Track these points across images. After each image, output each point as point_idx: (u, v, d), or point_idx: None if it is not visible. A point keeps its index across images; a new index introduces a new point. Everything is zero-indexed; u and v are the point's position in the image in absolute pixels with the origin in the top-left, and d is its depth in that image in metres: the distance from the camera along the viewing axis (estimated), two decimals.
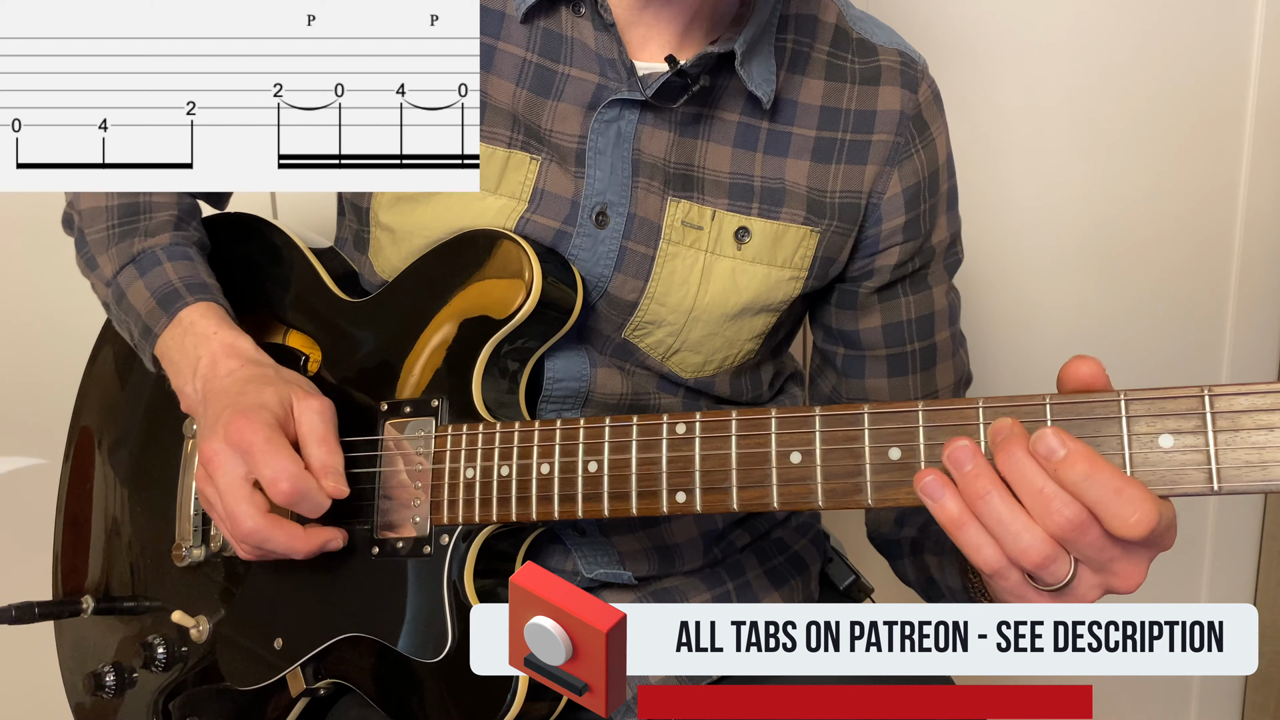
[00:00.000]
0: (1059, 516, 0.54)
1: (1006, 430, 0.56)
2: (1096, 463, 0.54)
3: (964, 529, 0.57)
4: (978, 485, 0.56)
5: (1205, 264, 1.47)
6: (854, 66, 0.85)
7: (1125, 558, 0.56)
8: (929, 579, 0.87)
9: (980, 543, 0.56)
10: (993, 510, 0.56)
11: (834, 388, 0.94)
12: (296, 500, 0.73)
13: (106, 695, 0.92)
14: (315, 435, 0.76)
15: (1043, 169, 1.43)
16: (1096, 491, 0.53)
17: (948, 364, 0.92)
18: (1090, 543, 0.55)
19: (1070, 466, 0.54)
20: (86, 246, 0.89)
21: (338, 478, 0.76)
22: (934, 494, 0.57)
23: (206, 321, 0.82)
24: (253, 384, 0.77)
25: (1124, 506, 0.53)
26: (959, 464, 0.57)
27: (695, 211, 0.81)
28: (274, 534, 0.74)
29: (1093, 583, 0.57)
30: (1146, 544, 0.55)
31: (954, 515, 0.57)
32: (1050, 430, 0.55)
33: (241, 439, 0.73)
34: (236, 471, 0.74)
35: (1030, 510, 0.55)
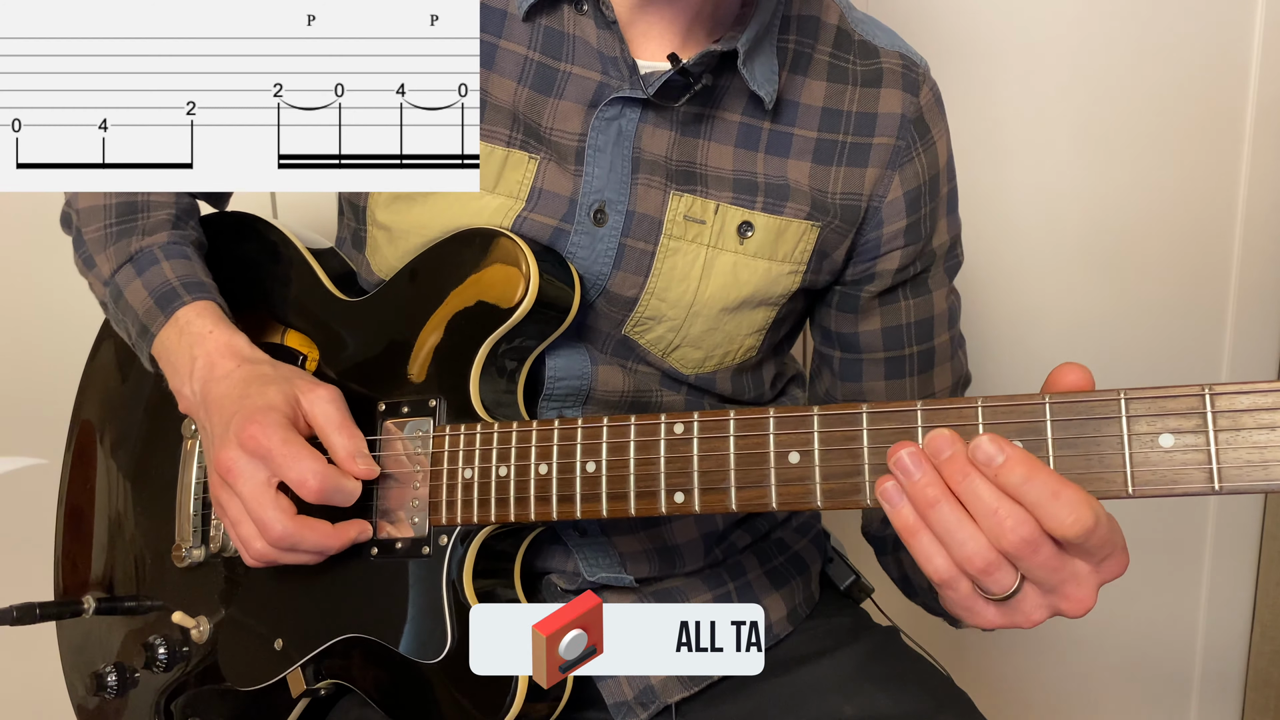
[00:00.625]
0: (1013, 535, 0.55)
1: (948, 446, 0.57)
2: (1034, 466, 0.54)
3: (916, 536, 0.57)
4: (927, 494, 0.57)
5: (1205, 264, 1.47)
6: (855, 68, 0.84)
7: (1075, 580, 0.57)
8: (904, 575, 0.88)
9: (931, 552, 0.57)
10: (941, 518, 0.56)
11: (827, 390, 0.94)
12: (328, 495, 0.73)
13: (109, 695, 0.92)
14: (333, 423, 0.76)
15: (1043, 169, 1.43)
16: (1035, 494, 0.54)
17: (945, 366, 0.92)
18: (1042, 562, 0.55)
19: (1009, 471, 0.54)
20: (84, 245, 0.89)
21: (367, 460, 0.76)
22: (893, 500, 0.58)
23: (203, 321, 0.82)
24: (254, 384, 0.77)
25: (1061, 509, 0.54)
26: (907, 471, 0.57)
27: (699, 205, 0.81)
28: (305, 535, 0.74)
29: (1039, 602, 0.58)
30: (1089, 557, 0.56)
31: (909, 523, 0.57)
32: (987, 437, 0.55)
33: (258, 445, 0.73)
34: (258, 477, 0.74)
35: (985, 530, 0.56)
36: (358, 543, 0.78)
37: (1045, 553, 0.55)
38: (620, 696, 0.83)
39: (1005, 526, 0.55)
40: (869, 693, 0.85)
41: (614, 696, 0.83)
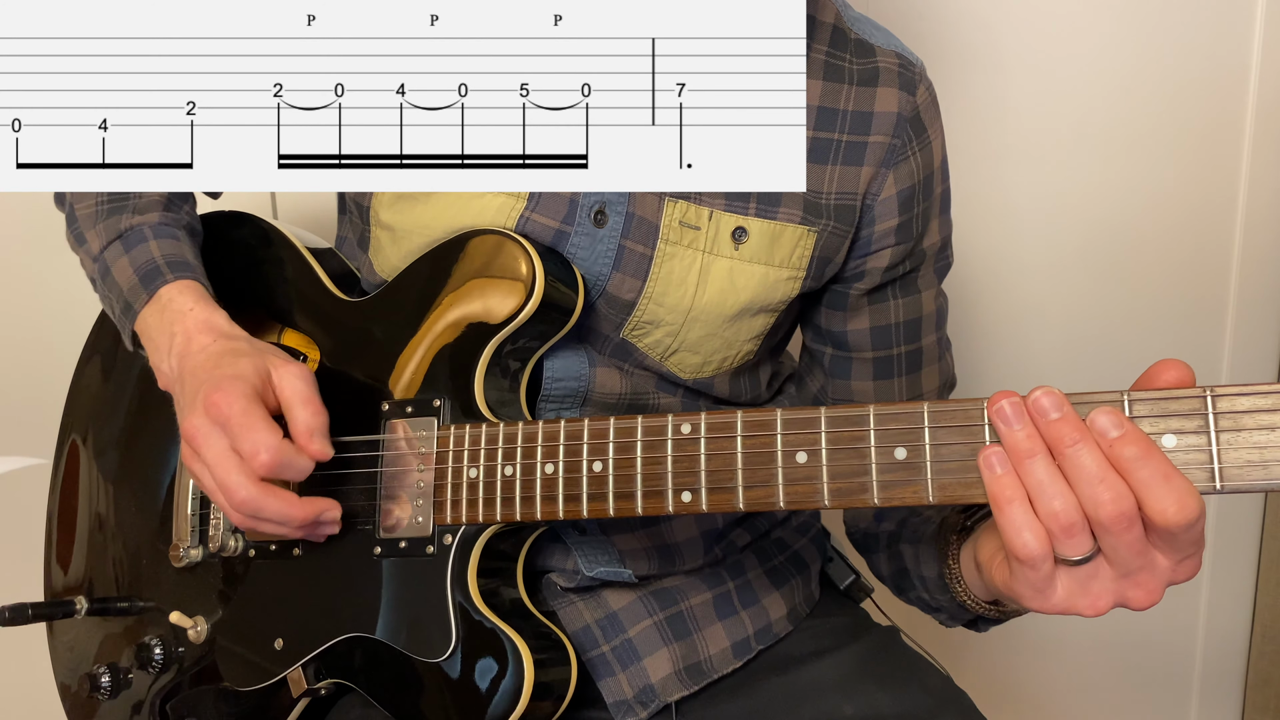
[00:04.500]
0: (1112, 508, 0.54)
1: (1056, 408, 0.56)
2: (1150, 445, 0.54)
3: (1011, 505, 0.56)
4: (1024, 446, 0.56)
5: (1205, 264, 1.47)
6: (851, 67, 0.84)
7: (1150, 570, 0.56)
8: (902, 569, 0.87)
9: (1022, 524, 0.56)
10: (1034, 472, 0.56)
11: (821, 387, 0.94)
12: (278, 469, 0.73)
13: (102, 697, 0.92)
14: (300, 397, 0.76)
15: (1042, 169, 1.43)
16: (1146, 473, 0.53)
17: (934, 368, 0.92)
18: (1129, 542, 0.55)
19: (1125, 444, 0.54)
20: (75, 222, 0.89)
21: (323, 439, 0.75)
22: (994, 465, 0.57)
23: (184, 298, 0.82)
24: (227, 356, 0.77)
25: (1168, 493, 0.53)
26: (1006, 420, 0.56)
27: (693, 212, 0.81)
28: (267, 502, 0.73)
29: (1110, 586, 0.57)
30: (1173, 552, 0.56)
31: (1005, 490, 0.56)
32: (1105, 409, 0.55)
33: (219, 412, 0.73)
34: (220, 444, 0.73)
35: (1081, 498, 0.55)
36: (324, 523, 0.77)
37: (1135, 533, 0.54)
38: (620, 695, 0.83)
39: (1104, 499, 0.54)
40: (869, 692, 0.85)
41: (614, 695, 0.83)
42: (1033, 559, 0.56)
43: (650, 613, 0.86)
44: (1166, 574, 0.57)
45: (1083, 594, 0.58)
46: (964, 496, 0.60)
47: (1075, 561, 0.56)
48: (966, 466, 0.59)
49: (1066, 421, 0.55)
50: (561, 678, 0.77)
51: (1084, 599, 0.58)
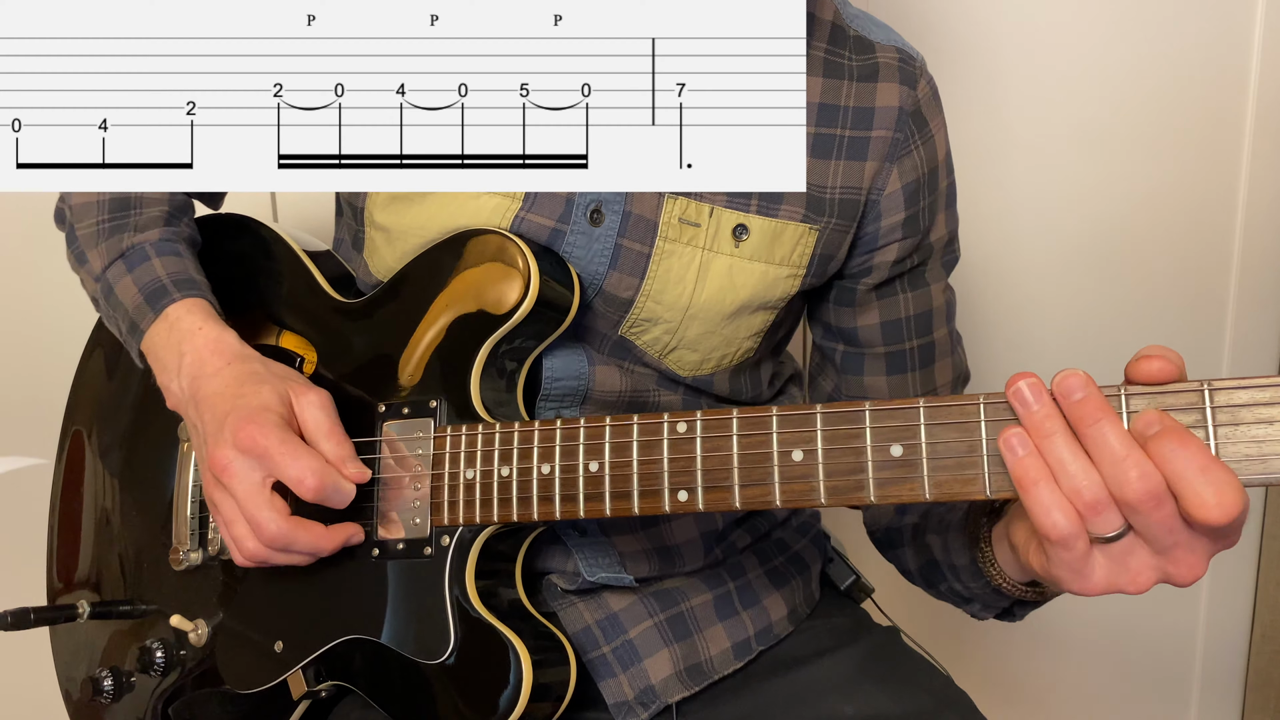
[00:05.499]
0: (1139, 485, 0.53)
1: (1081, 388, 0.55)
2: (1187, 437, 0.53)
3: (1036, 486, 0.55)
4: (1044, 425, 0.55)
5: (1205, 264, 1.47)
6: (851, 63, 0.84)
7: (1189, 545, 0.55)
8: (931, 561, 0.85)
9: (1050, 504, 0.55)
10: (1055, 449, 0.55)
11: (835, 386, 0.94)
12: (326, 494, 0.73)
13: (104, 700, 0.92)
14: (322, 430, 0.76)
15: (1042, 168, 1.43)
16: (1180, 464, 0.52)
17: (946, 361, 0.92)
18: (1160, 520, 0.53)
19: (1162, 439, 0.53)
20: (76, 242, 0.89)
21: (357, 464, 0.76)
22: (1015, 448, 0.56)
23: (192, 317, 0.82)
24: (248, 384, 0.77)
25: (1206, 486, 0.51)
26: (1025, 402, 0.56)
27: (693, 208, 0.81)
28: (299, 535, 0.74)
29: (1149, 563, 0.56)
30: (1215, 535, 0.54)
31: (1029, 472, 0.55)
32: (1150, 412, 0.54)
33: (255, 444, 0.73)
34: (253, 477, 0.74)
35: (1105, 477, 0.54)
36: (351, 545, 0.78)
37: (1166, 510, 0.53)
38: (620, 696, 0.83)
39: (1130, 476, 0.53)
40: (869, 692, 0.85)
41: (614, 696, 0.83)
42: (1065, 539, 0.55)
43: (651, 614, 0.86)
44: (1208, 547, 0.55)
45: (1123, 571, 0.56)
46: (961, 493, 0.60)
47: (1108, 539, 0.55)
48: (963, 463, 0.59)
49: (1090, 401, 0.54)
50: (561, 678, 0.76)
51: (1124, 576, 0.56)
